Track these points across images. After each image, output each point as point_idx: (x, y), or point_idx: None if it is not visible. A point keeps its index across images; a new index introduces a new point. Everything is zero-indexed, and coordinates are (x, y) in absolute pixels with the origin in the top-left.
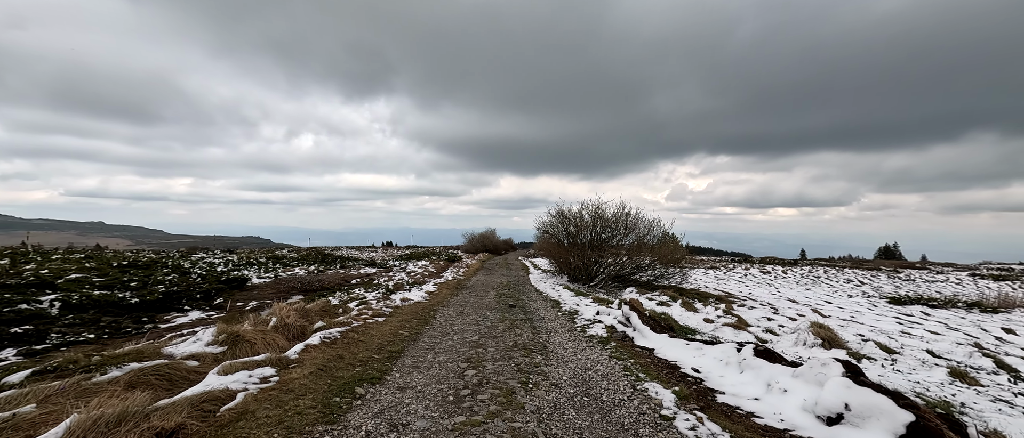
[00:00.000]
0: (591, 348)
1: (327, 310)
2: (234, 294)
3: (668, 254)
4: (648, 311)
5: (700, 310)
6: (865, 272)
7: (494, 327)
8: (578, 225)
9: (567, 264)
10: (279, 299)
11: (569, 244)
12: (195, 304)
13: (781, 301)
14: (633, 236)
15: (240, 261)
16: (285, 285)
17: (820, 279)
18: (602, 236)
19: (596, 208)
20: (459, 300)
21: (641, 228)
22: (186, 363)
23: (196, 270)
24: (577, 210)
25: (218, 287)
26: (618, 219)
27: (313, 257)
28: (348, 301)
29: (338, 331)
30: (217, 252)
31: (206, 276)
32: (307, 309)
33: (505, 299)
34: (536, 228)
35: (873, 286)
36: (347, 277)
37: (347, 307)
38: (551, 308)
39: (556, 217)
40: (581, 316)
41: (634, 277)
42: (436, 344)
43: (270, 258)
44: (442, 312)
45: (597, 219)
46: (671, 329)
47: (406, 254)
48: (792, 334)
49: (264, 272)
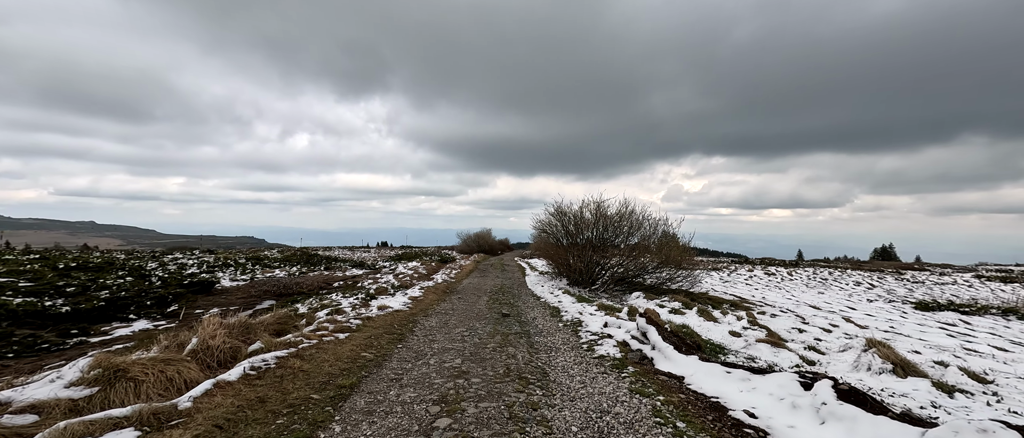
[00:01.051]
0: (604, 375)
1: (285, 322)
2: (196, 299)
3: (676, 255)
4: (666, 323)
5: (720, 320)
6: (868, 273)
7: (483, 345)
8: (578, 224)
9: (566, 266)
10: (246, 306)
11: (569, 244)
12: (145, 312)
13: (801, 307)
14: (638, 236)
15: (216, 262)
16: (258, 289)
17: (827, 281)
18: (604, 236)
19: (598, 205)
20: (446, 308)
21: (647, 227)
22: (12, 421)
23: (158, 273)
24: (577, 208)
25: (177, 292)
26: (622, 217)
27: (297, 258)
28: (318, 309)
29: (278, 355)
30: (195, 252)
31: (167, 280)
32: (250, 324)
33: (498, 306)
34: (533, 227)
35: (886, 289)
36: (330, 280)
37: (313, 317)
38: (550, 317)
39: (555, 215)
40: (586, 328)
41: (639, 280)
42: (405, 373)
43: (251, 259)
44: (423, 324)
45: (599, 217)
46: (699, 348)
47: (397, 255)
48: (843, 353)
49: (240, 274)
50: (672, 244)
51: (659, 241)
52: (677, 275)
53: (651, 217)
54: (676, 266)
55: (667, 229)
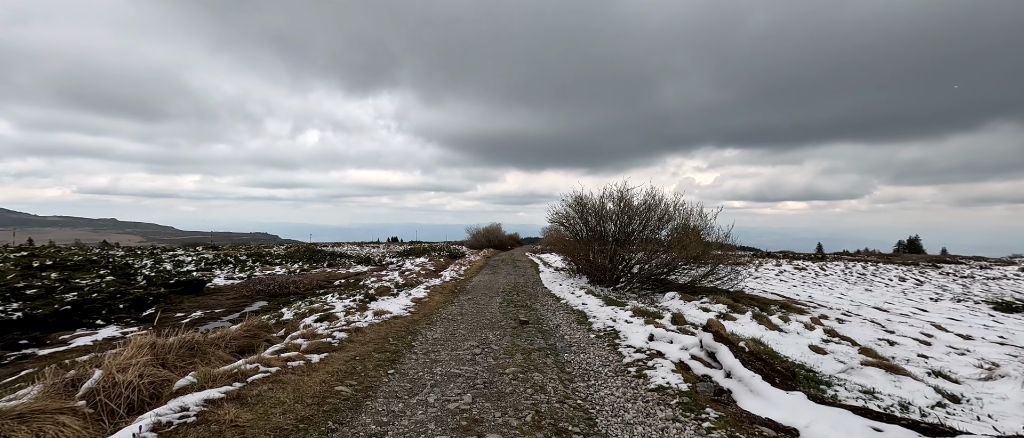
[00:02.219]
0: (676, 424)
1: (255, 335)
2: (181, 301)
3: (714, 250)
4: (731, 336)
5: (785, 328)
6: (904, 267)
7: (499, 368)
8: (600, 215)
9: (586, 262)
10: (233, 308)
11: (589, 238)
12: (117, 316)
13: (865, 310)
14: (667, 228)
15: (216, 259)
16: (252, 289)
17: (866, 277)
18: (629, 228)
19: (621, 194)
20: (454, 312)
21: (678, 218)
22: None
23: (145, 271)
24: (598, 197)
25: (159, 293)
26: (649, 207)
27: (300, 255)
28: (306, 314)
29: (209, 397)
30: (198, 249)
31: (153, 279)
32: (197, 343)
33: (514, 309)
34: (549, 220)
35: (937, 285)
36: (331, 277)
37: (296, 325)
38: (577, 325)
39: (573, 206)
40: (627, 342)
41: (669, 277)
42: (392, 420)
43: (251, 256)
44: (425, 335)
45: (623, 208)
46: (792, 376)
47: (404, 251)
48: (990, 382)
49: (239, 272)
50: (694, 236)
51: (693, 234)
52: (718, 272)
53: (683, 207)
54: (715, 262)
55: (702, 221)
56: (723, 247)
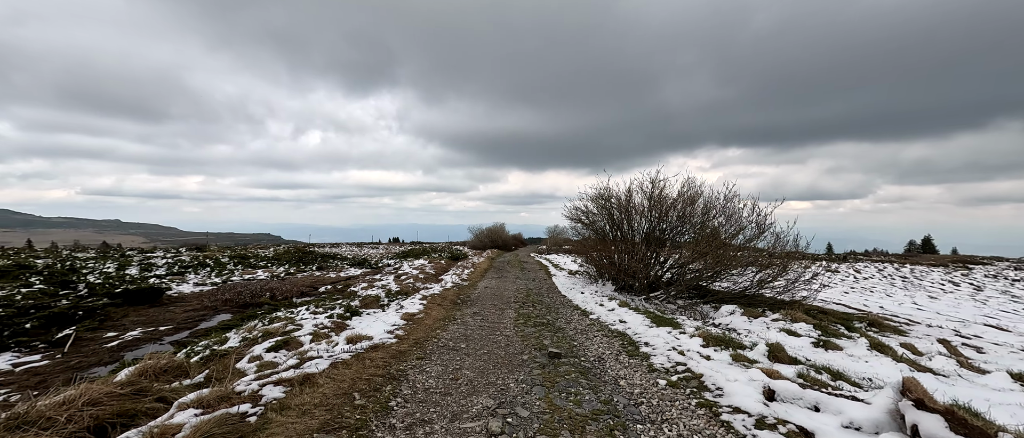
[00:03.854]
0: None
1: (141, 392)
2: (126, 313)
3: (781, 254)
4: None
5: (934, 365)
6: (933, 269)
7: None
8: (626, 210)
9: (611, 265)
10: (185, 324)
11: (616, 238)
12: (20, 340)
13: (971, 326)
14: (713, 224)
15: (192, 262)
16: (220, 297)
17: (910, 280)
18: (663, 226)
19: (653, 184)
20: (456, 334)
21: (723, 214)
22: None
23: (92, 277)
24: (623, 191)
25: (94, 306)
26: (690, 201)
27: (288, 257)
28: (257, 339)
29: None
30: (182, 250)
31: (97, 287)
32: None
33: (534, 330)
34: (566, 216)
35: (997, 289)
36: (318, 282)
37: (224, 367)
38: (628, 358)
39: (596, 201)
40: (727, 400)
41: (713, 285)
42: None
43: (234, 258)
44: (413, 381)
45: (655, 202)
46: None
47: (403, 252)
48: None
49: (215, 276)
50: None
51: (750, 234)
52: (778, 278)
53: (735, 200)
54: (782, 265)
55: (761, 218)
56: (793, 256)
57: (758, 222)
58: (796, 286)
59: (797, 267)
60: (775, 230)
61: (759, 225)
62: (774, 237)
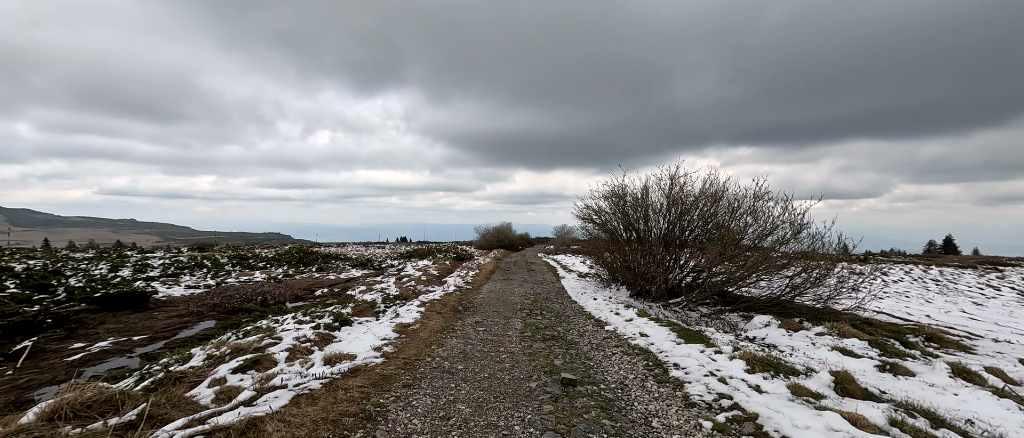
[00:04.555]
0: None
1: None
2: (103, 320)
3: (820, 259)
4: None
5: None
6: (977, 271)
7: None
8: (642, 208)
9: (625, 269)
10: (168, 331)
11: (630, 240)
12: None
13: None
14: (741, 223)
15: (189, 262)
16: (208, 302)
17: (943, 284)
18: (683, 226)
19: (672, 180)
20: (453, 351)
21: (752, 214)
22: None
23: (72, 281)
24: (639, 187)
25: (69, 312)
26: (713, 199)
27: (288, 257)
28: (226, 357)
29: None
30: (183, 249)
31: (76, 290)
32: None
33: (544, 347)
34: (576, 215)
35: None
36: (316, 285)
37: (172, 398)
38: (659, 386)
39: (609, 199)
40: None
41: (740, 290)
42: None
43: (233, 258)
44: (393, 421)
45: (675, 200)
46: None
47: (408, 252)
48: None
49: (210, 277)
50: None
51: (782, 234)
52: (829, 287)
53: (765, 200)
54: (823, 270)
55: (795, 217)
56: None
57: (792, 221)
58: (839, 293)
59: (842, 271)
60: (812, 230)
61: (794, 225)
62: (810, 238)
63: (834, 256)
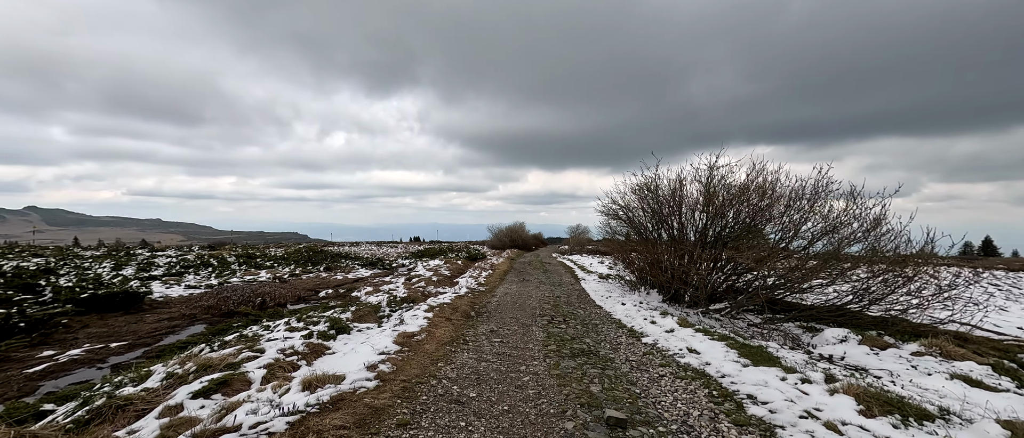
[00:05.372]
0: None
1: None
2: (88, 323)
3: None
4: None
5: None
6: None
7: None
8: (676, 203)
9: (656, 271)
10: (154, 337)
11: (662, 239)
12: None
13: None
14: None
15: (195, 261)
16: (204, 303)
17: (1006, 289)
18: (724, 222)
19: (711, 170)
20: (463, 371)
21: (810, 207)
22: None
23: (62, 280)
24: (672, 180)
25: (48, 315)
26: (764, 190)
27: (297, 256)
28: (189, 376)
29: None
30: (195, 248)
31: (63, 291)
32: None
33: (574, 366)
34: (601, 212)
35: None
36: (322, 285)
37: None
38: (745, 436)
39: (637, 193)
40: None
41: (794, 298)
42: None
43: (240, 257)
44: None
45: (714, 195)
46: None
47: (419, 251)
48: None
49: (213, 277)
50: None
51: (851, 231)
52: (922, 294)
53: (831, 192)
54: (909, 276)
55: (867, 213)
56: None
57: (862, 216)
58: (930, 302)
59: (943, 276)
60: (887, 227)
61: (870, 221)
62: (889, 237)
63: (931, 256)
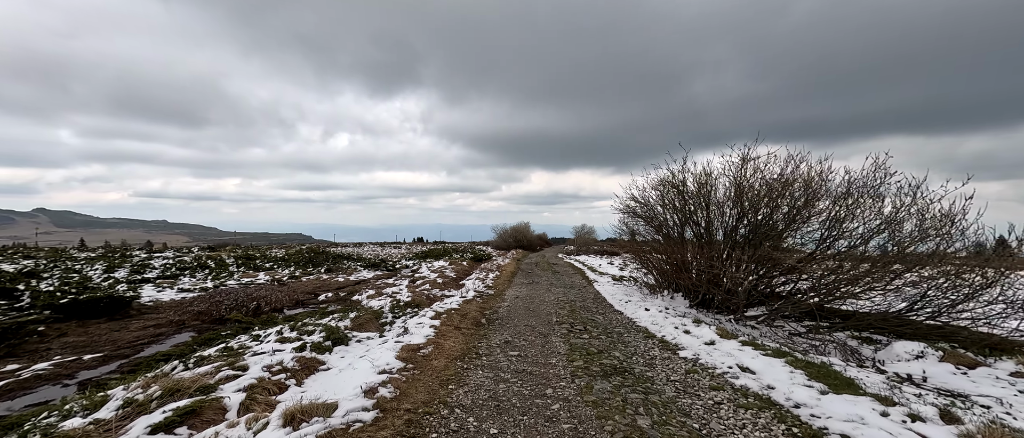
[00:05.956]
0: None
1: None
2: (65, 331)
3: None
4: None
5: None
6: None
7: None
8: (705, 199)
9: (681, 273)
10: (133, 347)
11: (690, 239)
12: None
13: None
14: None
15: (192, 262)
16: (193, 309)
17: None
18: (759, 219)
19: (743, 161)
20: (478, 397)
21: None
22: None
23: (44, 284)
24: (699, 173)
25: (24, 321)
26: (810, 183)
27: (298, 258)
28: (152, 403)
29: None
30: (194, 250)
31: (42, 296)
32: None
33: (610, 389)
34: (619, 210)
35: None
36: (322, 288)
37: None
38: None
39: (659, 187)
40: None
41: (837, 304)
42: None
43: (239, 259)
44: None
45: (744, 191)
46: None
47: (423, 252)
48: None
49: (210, 279)
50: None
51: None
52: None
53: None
54: (986, 282)
55: (932, 209)
56: None
57: (934, 215)
58: (1001, 310)
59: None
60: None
61: (938, 217)
62: (956, 236)
63: (1014, 259)
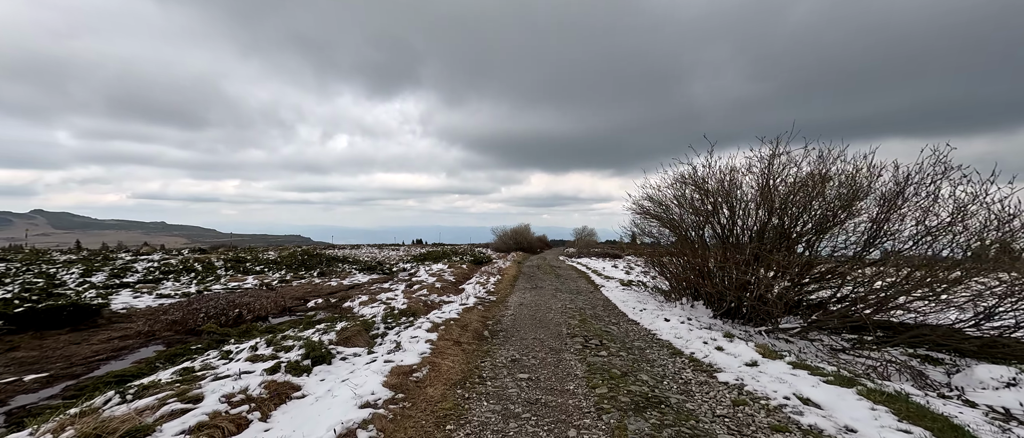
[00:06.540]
0: None
1: None
2: (17, 345)
3: None
4: None
5: None
6: None
7: None
8: (730, 198)
9: (703, 279)
10: (82, 367)
11: (714, 243)
12: None
13: None
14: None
15: (178, 265)
16: (167, 318)
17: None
18: (789, 218)
19: (772, 158)
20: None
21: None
22: None
23: (1, 291)
24: (722, 169)
25: None
26: (855, 181)
27: (290, 260)
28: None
29: None
30: (184, 252)
31: (5, 300)
32: None
33: (648, 432)
34: (633, 211)
35: None
36: (312, 293)
37: None
38: None
39: (677, 185)
40: None
41: (889, 319)
42: None
43: (228, 261)
44: None
45: (770, 191)
46: None
47: (422, 254)
48: None
49: (196, 283)
50: None
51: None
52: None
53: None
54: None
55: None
56: None
57: (996, 214)
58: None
59: None
60: None
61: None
62: None
63: None
